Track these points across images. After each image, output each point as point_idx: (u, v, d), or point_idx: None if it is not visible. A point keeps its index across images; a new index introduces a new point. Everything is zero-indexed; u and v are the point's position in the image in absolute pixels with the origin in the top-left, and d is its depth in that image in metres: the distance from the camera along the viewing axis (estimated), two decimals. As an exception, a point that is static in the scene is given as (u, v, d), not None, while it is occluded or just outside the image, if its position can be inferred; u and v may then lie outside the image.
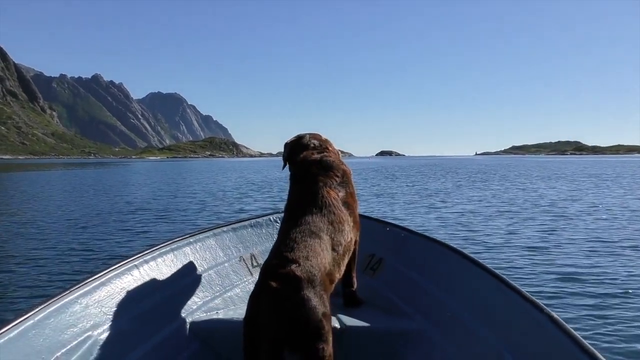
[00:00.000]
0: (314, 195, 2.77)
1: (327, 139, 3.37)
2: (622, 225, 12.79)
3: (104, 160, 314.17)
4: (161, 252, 3.26)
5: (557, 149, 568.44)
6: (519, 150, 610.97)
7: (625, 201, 18.98)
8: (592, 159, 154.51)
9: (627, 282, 7.10)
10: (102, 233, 12.02)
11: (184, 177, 47.69)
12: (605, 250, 9.40)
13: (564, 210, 16.16)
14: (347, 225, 2.78)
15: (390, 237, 3.82)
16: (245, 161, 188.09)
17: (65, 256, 9.21)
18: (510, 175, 44.83)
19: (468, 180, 36.78)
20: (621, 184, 29.41)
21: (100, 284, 2.76)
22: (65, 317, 2.47)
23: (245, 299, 3.40)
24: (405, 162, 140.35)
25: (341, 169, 3.01)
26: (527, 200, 19.47)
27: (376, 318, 3.15)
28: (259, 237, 4.00)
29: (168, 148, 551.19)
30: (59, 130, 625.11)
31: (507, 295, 2.59)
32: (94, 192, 26.55)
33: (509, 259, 8.64)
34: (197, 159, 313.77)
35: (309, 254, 2.38)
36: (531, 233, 11.53)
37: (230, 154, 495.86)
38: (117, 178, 45.77)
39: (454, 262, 3.17)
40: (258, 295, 2.32)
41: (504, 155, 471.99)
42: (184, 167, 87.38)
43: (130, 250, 9.44)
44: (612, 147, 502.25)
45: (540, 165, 78.36)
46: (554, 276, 7.40)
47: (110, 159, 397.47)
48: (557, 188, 26.70)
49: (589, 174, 43.32)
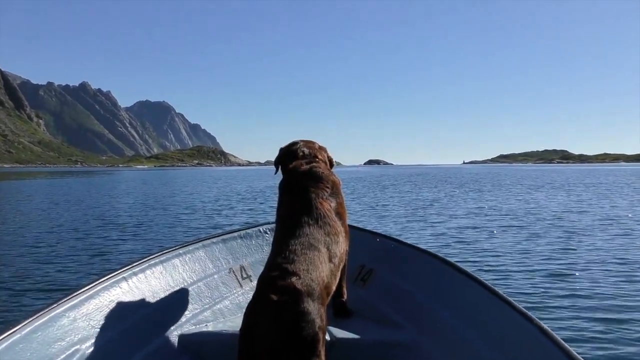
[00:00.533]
0: (308, 206, 2.76)
1: (321, 147, 3.35)
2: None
3: (90, 169, 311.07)
4: (150, 264, 3.22)
5: (544, 157, 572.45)
6: (506, 159, 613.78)
7: (635, 213, 17.61)
8: (581, 168, 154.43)
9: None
10: (81, 246, 11.46)
11: (166, 187, 46.11)
12: (625, 271, 8.35)
13: (574, 223, 14.77)
14: (341, 236, 2.79)
15: (380, 248, 3.80)
16: (232, 170, 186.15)
17: (46, 269, 8.94)
18: (504, 184, 43.64)
19: (462, 190, 35.44)
20: (621, 194, 28.24)
21: (89, 296, 2.72)
22: (53, 331, 2.43)
23: (234, 311, 3.49)
24: (394, 171, 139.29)
25: (330, 180, 2.98)
26: (531, 213, 17.98)
27: (367, 329, 3.13)
28: (249, 249, 3.95)
29: (155, 157, 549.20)
30: (46, 139, 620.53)
31: (498, 305, 2.60)
32: (73, 203, 25.28)
33: (523, 284, 7.44)
34: (184, 168, 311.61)
35: (309, 267, 2.39)
36: (542, 250, 10.25)
37: (218, 163, 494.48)
38: (98, 188, 44.05)
39: (444, 273, 3.17)
40: (256, 307, 2.30)
41: (491, 164, 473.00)
42: (168, 177, 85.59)
43: (106, 264, 9.26)
44: (598, 155, 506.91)
45: (531, 174, 77.40)
46: (567, 298, 6.73)
47: (97, 167, 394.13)
48: (558, 198, 25.34)
49: (586, 184, 41.99)
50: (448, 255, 3.74)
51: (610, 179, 52.10)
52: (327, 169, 3.11)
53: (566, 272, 8.23)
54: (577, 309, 6.21)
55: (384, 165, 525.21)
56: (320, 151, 3.27)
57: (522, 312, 2.42)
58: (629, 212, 18.15)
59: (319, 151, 3.27)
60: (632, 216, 16.69)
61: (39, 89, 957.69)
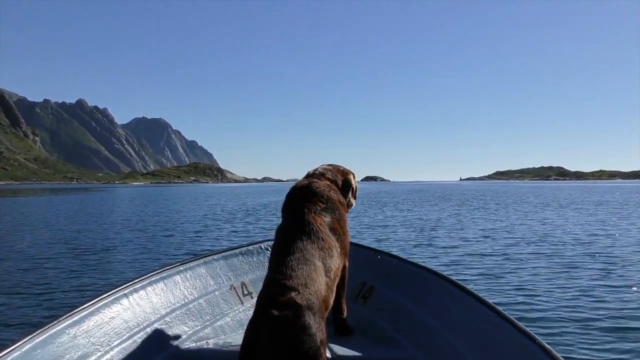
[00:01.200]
0: (301, 221, 2.77)
1: (344, 170, 3.37)
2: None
3: (86, 185, 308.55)
4: (150, 280, 3.21)
5: (540, 174, 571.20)
6: (503, 176, 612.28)
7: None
8: (580, 185, 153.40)
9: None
10: (71, 266, 11.04)
11: (156, 204, 44.24)
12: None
13: (605, 248, 13.07)
14: (335, 251, 2.78)
15: (381, 265, 3.77)
16: (228, 187, 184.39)
17: (40, 287, 8.72)
18: (507, 201, 42.08)
19: (467, 208, 33.81)
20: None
21: (89, 313, 2.70)
22: (53, 348, 2.40)
23: (235, 328, 3.48)
24: (392, 187, 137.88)
25: (325, 195, 2.98)
26: (550, 235, 16.40)
27: (368, 347, 3.11)
28: (250, 266, 3.94)
29: (152, 173, 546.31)
30: (42, 156, 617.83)
31: (500, 324, 2.58)
32: (66, 221, 24.25)
33: (577, 336, 5.91)
34: (180, 185, 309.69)
35: (307, 282, 2.39)
36: (580, 284, 8.43)
37: (215, 180, 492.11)
38: (90, 205, 42.17)
39: (445, 291, 3.14)
40: (257, 323, 2.30)
41: (488, 181, 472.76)
42: (162, 194, 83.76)
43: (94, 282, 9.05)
44: (595, 172, 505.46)
45: (532, 191, 76.03)
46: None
47: (93, 184, 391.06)
48: (571, 218, 23.72)
49: (595, 202, 40.45)
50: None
51: (618, 197, 50.66)
52: (325, 185, 3.08)
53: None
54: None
55: (381, 181, 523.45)
56: (335, 173, 3.27)
57: (524, 332, 2.39)
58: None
59: (333, 172, 3.27)
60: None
61: (35, 106, 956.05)
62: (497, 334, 2.56)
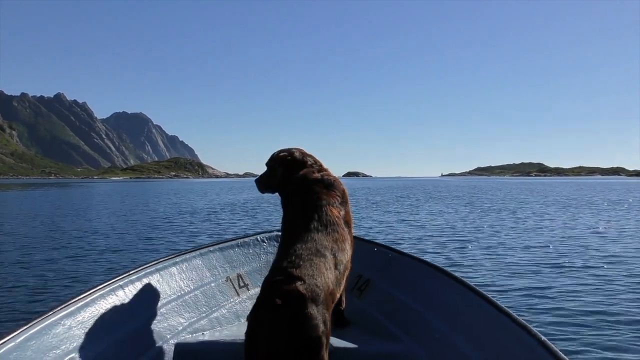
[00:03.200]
0: (318, 213, 2.76)
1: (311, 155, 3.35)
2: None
3: (64, 180, 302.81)
4: (147, 272, 3.20)
5: (521, 170, 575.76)
6: (484, 172, 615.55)
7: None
8: (563, 181, 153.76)
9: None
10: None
11: (127, 200, 42.33)
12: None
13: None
14: (348, 244, 2.78)
15: (377, 258, 3.76)
16: (207, 182, 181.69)
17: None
18: (497, 198, 40.53)
19: (456, 204, 32.07)
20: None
21: (85, 304, 2.69)
22: (48, 339, 2.39)
23: (231, 319, 3.49)
24: (375, 183, 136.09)
25: (341, 189, 3.02)
26: (566, 240, 14.63)
27: (364, 339, 3.11)
28: (246, 257, 3.92)
29: (131, 168, 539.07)
30: (19, 150, 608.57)
31: (496, 317, 2.58)
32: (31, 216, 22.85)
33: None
34: (160, 180, 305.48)
35: (314, 273, 2.38)
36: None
37: (196, 175, 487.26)
38: (56, 200, 39.99)
39: (442, 283, 3.13)
40: (260, 310, 2.31)
41: (469, 177, 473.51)
42: (138, 189, 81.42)
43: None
44: (574, 168, 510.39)
45: (519, 187, 75.01)
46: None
47: (71, 179, 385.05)
48: (580, 218, 22.01)
49: (587, 201, 39.02)
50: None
51: (609, 195, 49.55)
52: (336, 177, 3.11)
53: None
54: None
55: (363, 177, 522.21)
56: (320, 161, 3.29)
57: (522, 324, 2.39)
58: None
59: (317, 160, 3.27)
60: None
61: (12, 100, 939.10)
62: (494, 326, 2.57)
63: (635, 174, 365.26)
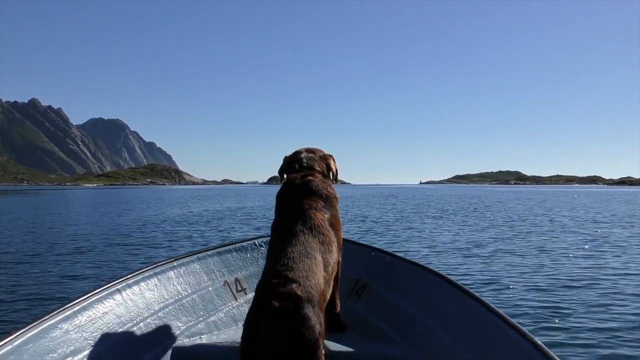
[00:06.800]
0: (303, 216, 2.81)
1: (323, 156, 3.37)
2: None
3: (35, 187, 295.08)
4: (144, 276, 3.21)
5: (499, 178, 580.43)
6: (462, 180, 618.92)
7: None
8: (543, 189, 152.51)
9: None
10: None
11: (94, 209, 37.98)
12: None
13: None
14: (334, 246, 2.84)
15: (375, 262, 3.78)
16: (183, 189, 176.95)
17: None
18: (489, 207, 37.41)
19: (447, 214, 28.75)
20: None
21: (82, 308, 2.69)
22: (45, 343, 2.39)
23: (229, 323, 3.50)
24: (354, 191, 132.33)
25: (324, 193, 3.03)
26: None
27: (361, 343, 3.11)
28: (244, 262, 3.93)
29: (106, 175, 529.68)
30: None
31: (492, 321, 2.59)
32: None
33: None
34: (136, 187, 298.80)
35: (308, 274, 2.42)
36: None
37: (173, 182, 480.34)
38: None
39: (439, 288, 3.13)
40: (257, 313, 2.31)
41: (448, 184, 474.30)
42: (105, 197, 76.41)
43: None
44: (552, 177, 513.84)
45: (503, 195, 72.42)
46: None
47: (44, 186, 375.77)
48: (588, 231, 18.83)
49: (586, 208, 36.03)
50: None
51: (609, 205, 46.86)
52: (322, 181, 3.12)
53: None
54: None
55: (342, 184, 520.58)
56: (319, 162, 3.30)
57: (517, 328, 2.40)
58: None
59: (319, 162, 3.30)
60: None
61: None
62: (490, 330, 2.57)
63: (612, 183, 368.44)
